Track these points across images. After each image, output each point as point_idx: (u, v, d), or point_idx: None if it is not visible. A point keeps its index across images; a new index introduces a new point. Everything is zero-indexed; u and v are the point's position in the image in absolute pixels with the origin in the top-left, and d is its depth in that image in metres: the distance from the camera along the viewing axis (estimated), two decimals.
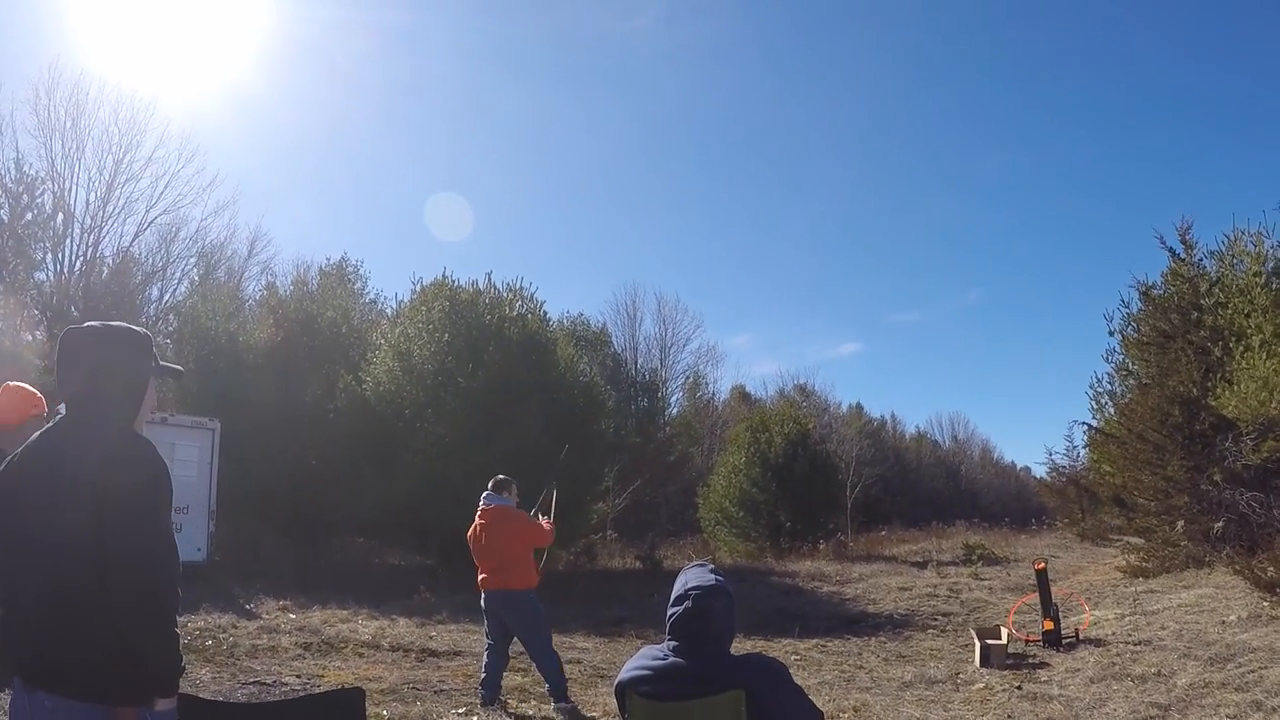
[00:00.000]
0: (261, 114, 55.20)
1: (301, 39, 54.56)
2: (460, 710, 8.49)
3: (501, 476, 9.06)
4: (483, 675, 8.67)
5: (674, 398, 44.09)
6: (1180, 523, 16.49)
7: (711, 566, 3.16)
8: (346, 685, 8.42)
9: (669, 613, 3.02)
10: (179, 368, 3.34)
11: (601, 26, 73.57)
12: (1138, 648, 10.57)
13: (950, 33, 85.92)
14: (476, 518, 8.88)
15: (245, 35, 52.51)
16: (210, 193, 34.19)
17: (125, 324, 2.97)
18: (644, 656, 3.05)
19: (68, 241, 27.75)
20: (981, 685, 9.69)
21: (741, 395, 53.37)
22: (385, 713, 8.13)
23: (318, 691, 7.18)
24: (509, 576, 8.59)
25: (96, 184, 28.22)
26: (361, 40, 61.40)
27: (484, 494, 8.95)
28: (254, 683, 9.10)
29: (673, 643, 3.00)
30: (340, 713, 3.51)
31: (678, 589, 3.05)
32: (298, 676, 9.54)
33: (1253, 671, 8.60)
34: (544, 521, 9.04)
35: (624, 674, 3.05)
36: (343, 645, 11.36)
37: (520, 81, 76.81)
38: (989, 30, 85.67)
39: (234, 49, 51.37)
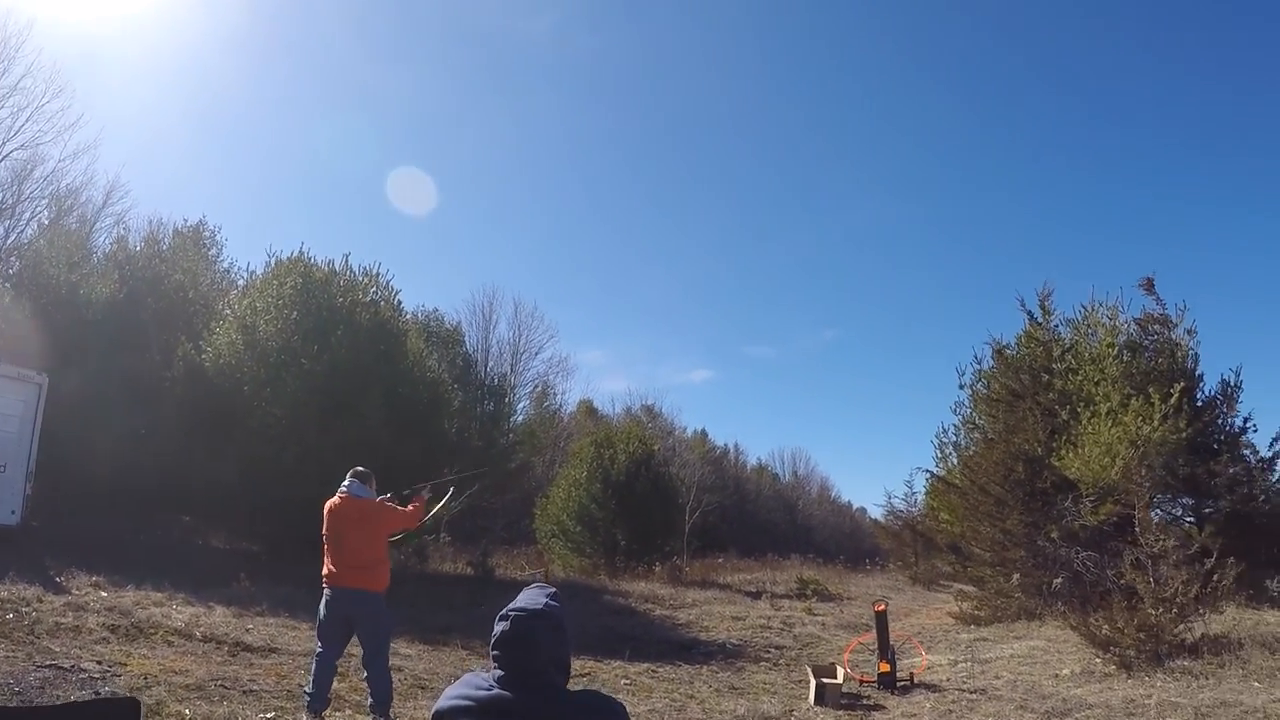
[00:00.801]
0: (140, 57, 52.32)
1: None
2: (269, 714, 7.76)
3: (362, 469, 8.22)
4: (310, 683, 7.71)
5: (521, 405, 43.59)
6: (1016, 575, 16.72)
7: (551, 591, 2.67)
8: (128, 692, 7.66)
9: (492, 631, 2.55)
10: None
11: (496, 22, 72.81)
12: (974, 696, 10.46)
13: (836, 74, 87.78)
14: (333, 504, 8.02)
15: None
16: (73, 133, 32.24)
17: None
18: (466, 684, 2.55)
19: None
20: None
21: (589, 410, 53.03)
22: (188, 711, 7.40)
23: (86, 700, 6.49)
24: (368, 576, 7.78)
25: None
26: (258, 5, 59.12)
27: (346, 481, 8.09)
28: (49, 666, 8.21)
29: (498, 671, 2.50)
30: None
31: (505, 608, 2.57)
32: (98, 663, 8.63)
33: None
34: (415, 500, 8.35)
35: (443, 702, 2.54)
36: (153, 631, 10.48)
37: (405, 63, 75.51)
38: (874, 75, 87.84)
39: None
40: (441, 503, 10.52)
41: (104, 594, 12.14)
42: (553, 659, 2.54)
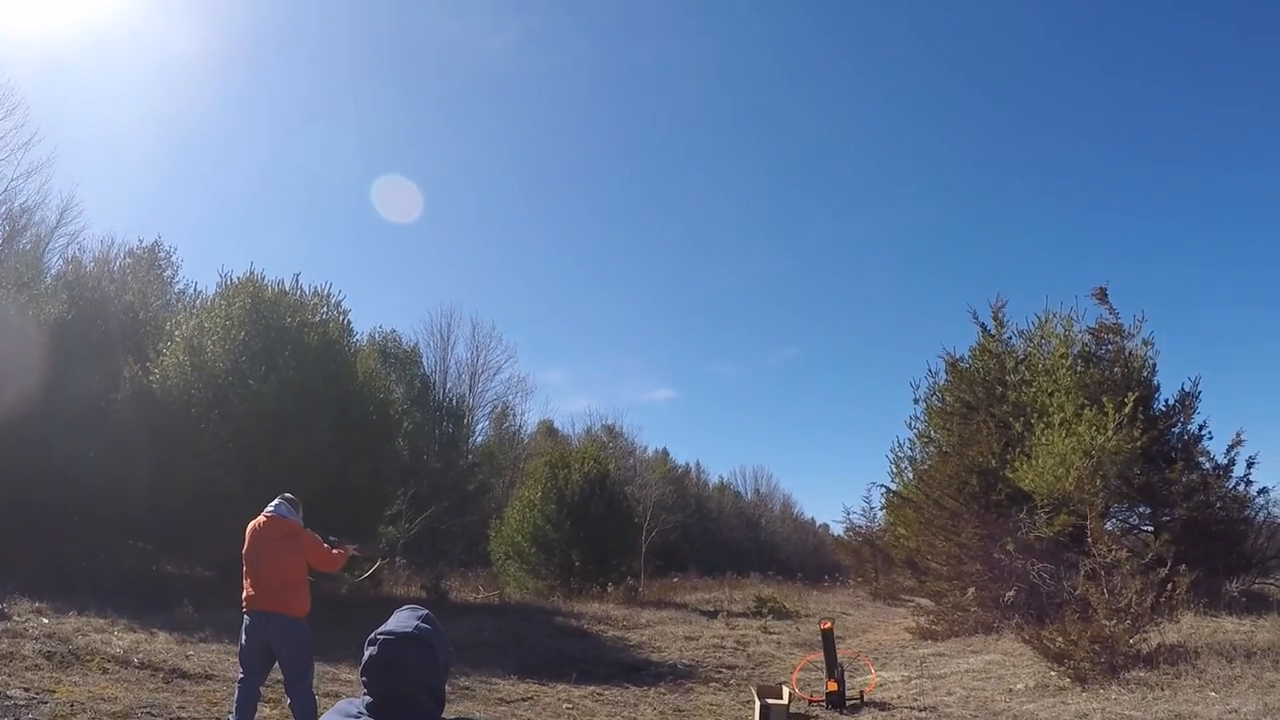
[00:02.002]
0: (98, 73, 51.51)
1: (156, 6, 51.25)
2: None
3: (290, 495, 7.91)
4: (234, 711, 7.36)
5: (480, 426, 43.25)
6: (971, 589, 16.52)
7: (424, 613, 2.43)
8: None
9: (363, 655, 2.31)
10: None
11: (453, 39, 72.59)
12: (923, 713, 10.20)
13: (790, 95, 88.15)
14: (256, 524, 7.68)
15: None
16: (25, 151, 31.57)
17: None
18: (338, 712, 2.34)
19: None
20: None
21: (549, 430, 52.57)
22: None
23: None
24: (289, 600, 7.41)
25: None
26: (209, 21, 58.53)
27: (273, 503, 7.76)
28: None
29: (368, 697, 2.24)
30: None
31: (374, 631, 2.32)
32: (25, 690, 8.37)
33: None
34: (340, 549, 7.94)
35: None
36: (89, 658, 10.19)
37: (361, 81, 75.01)
38: (829, 94, 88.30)
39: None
40: (371, 570, 10.20)
41: (45, 620, 11.88)
42: (424, 684, 2.33)
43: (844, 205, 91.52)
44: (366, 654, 2.33)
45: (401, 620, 2.43)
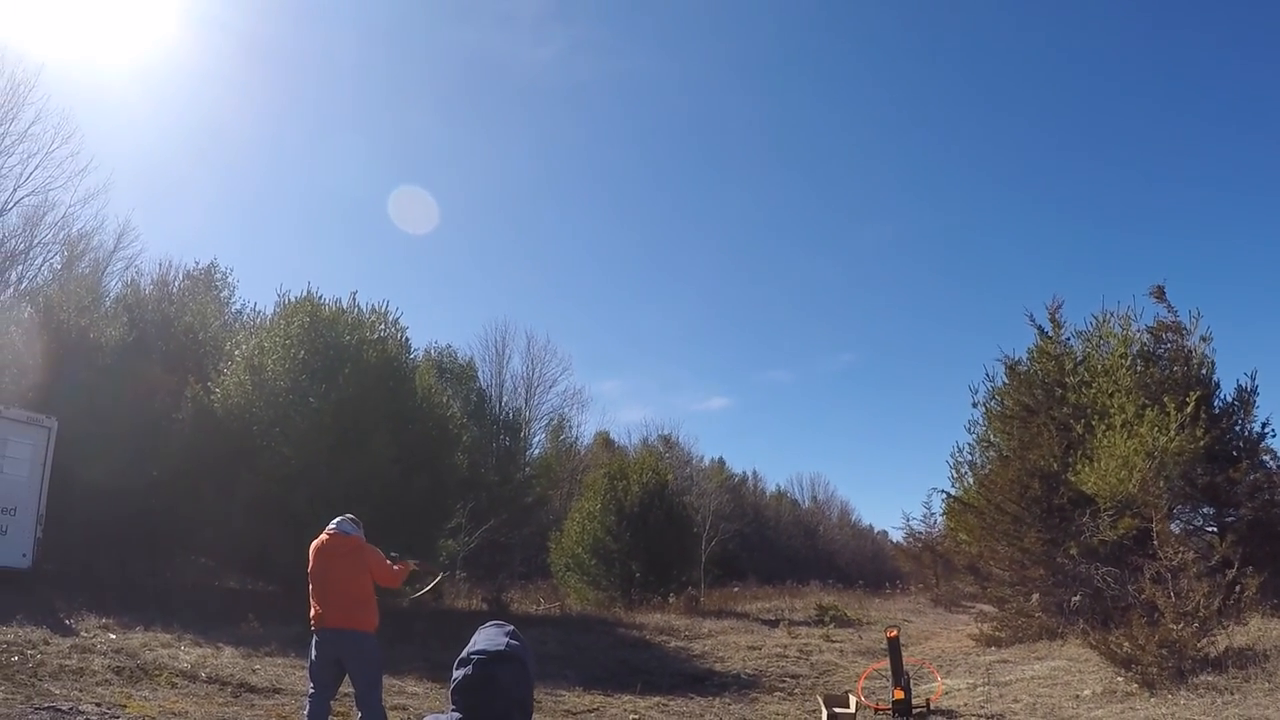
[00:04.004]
0: (146, 100, 52.64)
1: (201, 32, 52.25)
2: None
3: (353, 516, 8.06)
4: None
5: (537, 439, 43.33)
6: (1035, 594, 16.39)
7: (510, 629, 2.48)
8: None
9: (452, 676, 2.36)
10: None
11: (504, 52, 73.14)
12: None
13: (837, 98, 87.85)
14: (320, 542, 7.84)
15: (151, 13, 49.76)
16: (82, 178, 32.42)
17: None
18: None
19: None
20: None
21: (605, 441, 52.69)
22: None
23: None
24: (358, 616, 7.57)
25: None
26: (260, 46, 59.59)
27: (334, 522, 7.92)
28: (48, 708, 8.10)
29: (456, 715, 2.30)
30: None
31: (465, 651, 2.37)
32: (97, 705, 8.54)
33: None
34: (401, 564, 8.10)
35: None
36: (158, 673, 10.39)
37: (414, 99, 75.86)
38: (876, 97, 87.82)
39: (136, 25, 48.62)
40: (431, 585, 10.35)
41: (112, 636, 12.08)
42: (516, 700, 2.36)
43: (897, 207, 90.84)
44: (460, 674, 2.36)
45: (491, 638, 2.47)
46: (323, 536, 7.87)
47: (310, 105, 71.60)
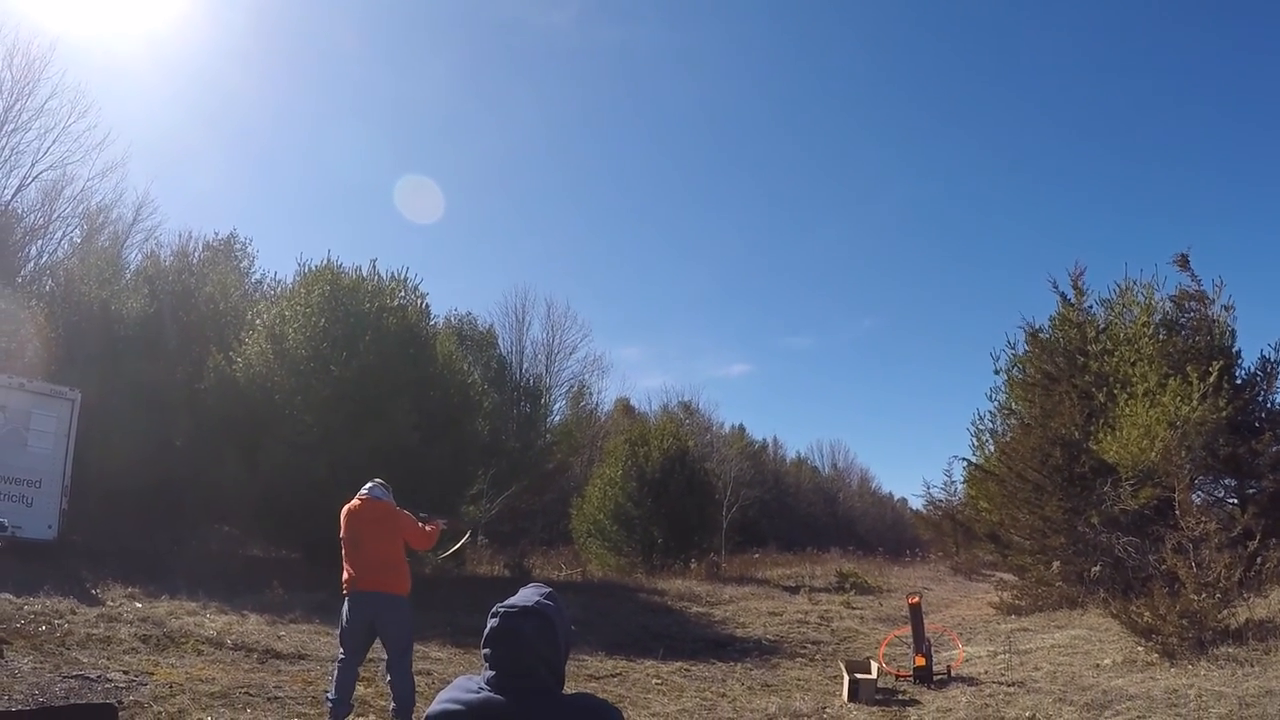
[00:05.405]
0: (160, 73, 52.57)
1: (211, 3, 52.12)
2: None
3: (382, 480, 8.20)
4: (333, 689, 7.59)
5: (557, 405, 43.34)
6: (1056, 563, 16.43)
7: (548, 590, 2.54)
8: (151, 700, 7.62)
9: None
10: None
11: (518, 14, 72.65)
12: (1011, 689, 10.24)
13: (870, 55, 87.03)
14: (352, 507, 7.96)
15: None
16: (100, 151, 32.57)
17: None
18: (458, 688, 2.45)
19: None
20: None
21: (625, 408, 52.79)
22: (209, 719, 7.34)
23: (62, 705, 6.42)
24: (390, 579, 7.71)
25: None
26: (270, 17, 59.38)
27: (366, 486, 8.06)
28: (76, 676, 8.26)
29: (490, 672, 2.37)
30: None
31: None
32: (125, 672, 8.69)
33: None
34: (432, 524, 8.20)
35: (434, 706, 2.43)
36: (184, 640, 10.54)
37: (428, 64, 75.34)
38: (907, 57, 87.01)
39: None
40: (458, 544, 10.43)
41: (138, 605, 12.27)
42: (543, 658, 2.42)
43: (920, 172, 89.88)
44: (489, 625, 2.44)
45: (524, 595, 2.54)
46: (354, 501, 8.00)
47: (320, 76, 71.34)
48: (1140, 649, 11.15)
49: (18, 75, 26.08)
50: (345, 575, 7.78)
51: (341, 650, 7.73)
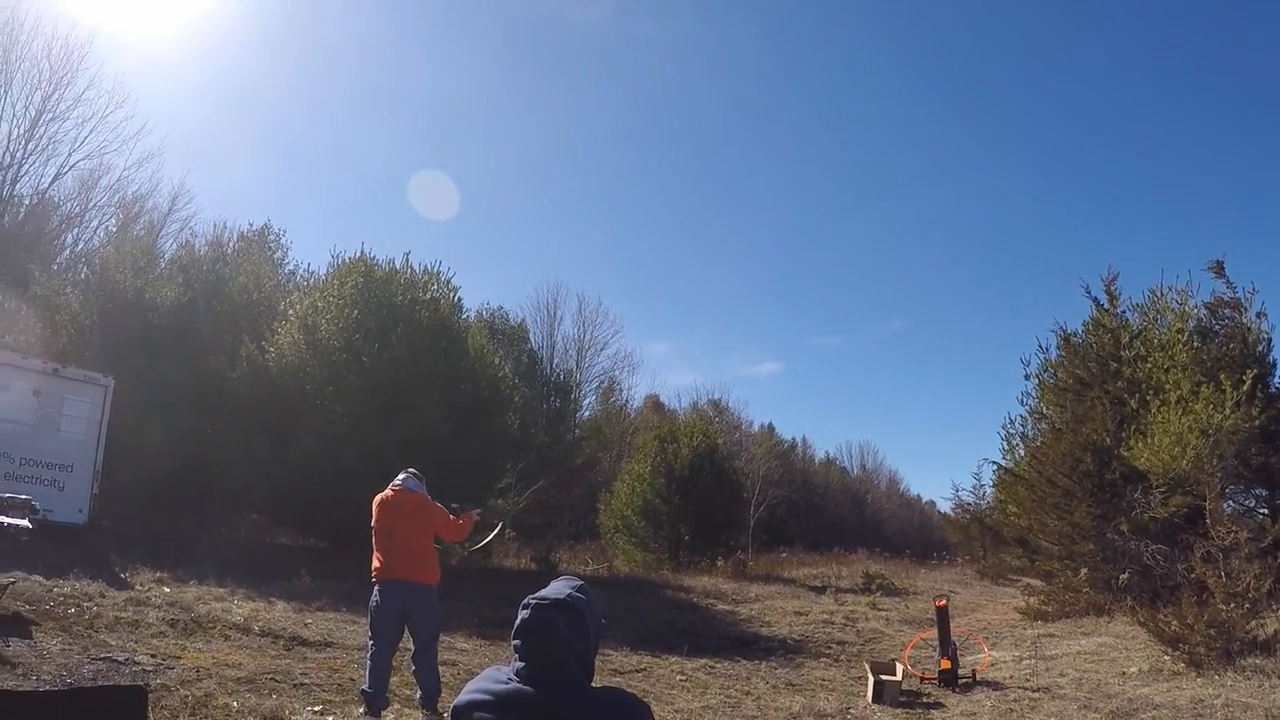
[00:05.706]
0: (197, 65, 53.12)
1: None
2: (316, 708, 7.80)
3: (415, 470, 8.27)
4: (368, 682, 7.58)
5: (587, 401, 43.47)
6: (1084, 569, 16.36)
7: (579, 584, 2.58)
8: (179, 684, 7.73)
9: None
10: None
11: (555, 11, 72.75)
12: (1036, 694, 10.23)
13: (906, 55, 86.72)
14: (384, 497, 8.02)
15: None
16: (136, 142, 33.02)
17: None
18: (486, 679, 2.49)
19: None
20: None
21: (655, 405, 52.84)
22: (235, 704, 7.47)
23: (93, 686, 6.57)
24: (421, 569, 7.79)
25: (21, 120, 26.86)
26: (307, 5, 59.79)
27: (400, 477, 8.13)
28: (104, 659, 8.35)
29: (519, 664, 2.43)
30: (115, 712, 2.86)
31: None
32: (152, 656, 8.79)
33: None
34: (464, 516, 8.31)
35: (462, 696, 2.48)
36: (211, 625, 10.66)
37: (463, 57, 75.69)
38: (943, 57, 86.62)
39: None
40: (488, 537, 10.51)
41: (166, 589, 12.42)
42: (573, 651, 2.46)
43: (953, 173, 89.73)
44: (520, 617, 2.47)
45: (556, 588, 2.59)
46: (387, 491, 8.08)
47: (354, 69, 71.81)
48: (1167, 658, 11.12)
49: (56, 66, 26.59)
50: (375, 564, 7.86)
51: (372, 640, 7.76)
